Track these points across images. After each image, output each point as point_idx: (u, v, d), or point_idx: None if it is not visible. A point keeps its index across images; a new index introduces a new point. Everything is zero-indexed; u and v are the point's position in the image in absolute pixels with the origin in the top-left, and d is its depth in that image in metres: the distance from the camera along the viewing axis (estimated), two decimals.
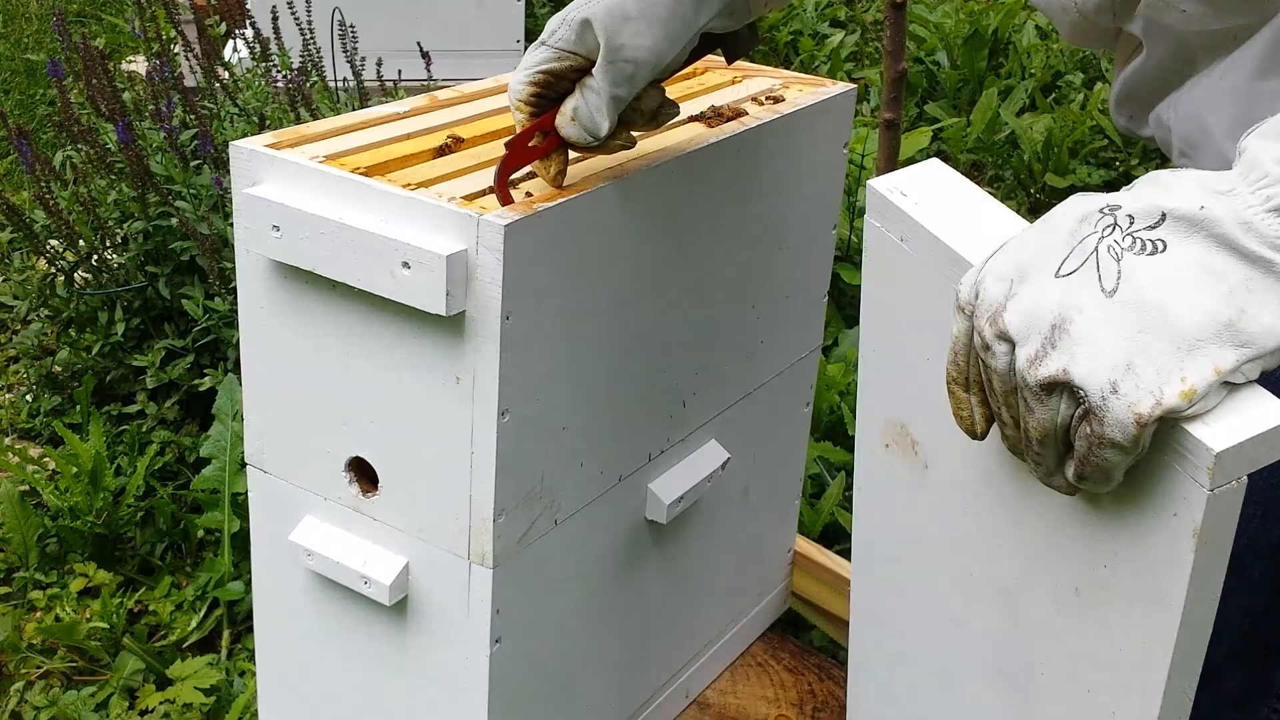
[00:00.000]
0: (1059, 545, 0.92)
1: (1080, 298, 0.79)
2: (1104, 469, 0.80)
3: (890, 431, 1.08)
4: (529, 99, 1.18)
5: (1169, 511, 0.82)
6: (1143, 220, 0.79)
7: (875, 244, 1.04)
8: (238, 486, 2.12)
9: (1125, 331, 0.77)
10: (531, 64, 1.16)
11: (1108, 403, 0.77)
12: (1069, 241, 0.81)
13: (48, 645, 2.04)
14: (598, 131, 1.16)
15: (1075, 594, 0.91)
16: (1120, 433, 0.77)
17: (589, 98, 1.15)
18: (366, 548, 1.32)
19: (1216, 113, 0.98)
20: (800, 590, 1.91)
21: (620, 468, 1.41)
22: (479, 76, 1.58)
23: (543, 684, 1.40)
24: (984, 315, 0.83)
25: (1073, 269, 0.80)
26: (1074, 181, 3.72)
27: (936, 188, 1.01)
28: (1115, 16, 1.03)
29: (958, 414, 0.89)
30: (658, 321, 1.39)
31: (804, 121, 1.53)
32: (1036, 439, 0.82)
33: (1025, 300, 0.81)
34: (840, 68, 4.34)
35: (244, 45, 2.88)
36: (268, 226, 1.22)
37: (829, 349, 2.68)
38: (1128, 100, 1.10)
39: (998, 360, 0.82)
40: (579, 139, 1.17)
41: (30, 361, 2.64)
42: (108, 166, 2.54)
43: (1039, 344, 0.79)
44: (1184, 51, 1.01)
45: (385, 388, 1.25)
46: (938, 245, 0.97)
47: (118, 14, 5.08)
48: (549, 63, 1.16)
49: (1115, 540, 0.87)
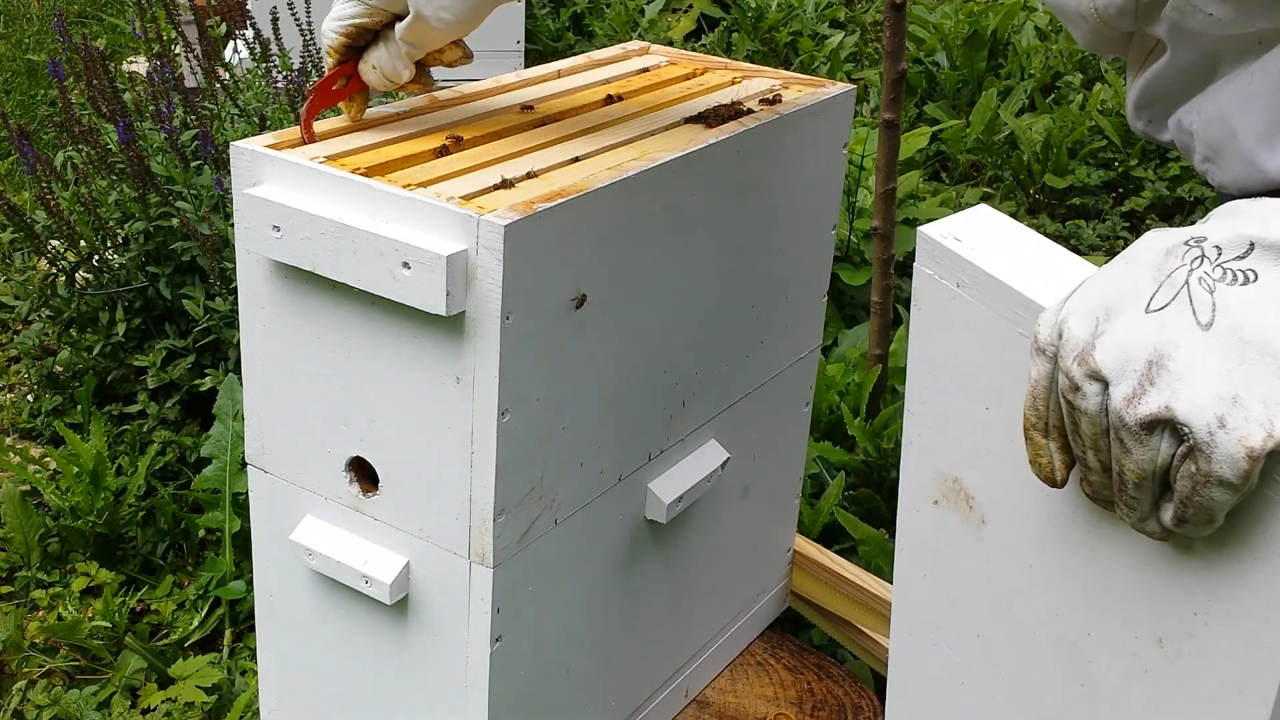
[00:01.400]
0: (1140, 596, 0.88)
1: (1175, 333, 0.77)
2: (1209, 509, 0.77)
3: (940, 487, 1.04)
4: (339, 47, 1.31)
5: (1273, 551, 0.78)
6: (1231, 251, 0.78)
7: (927, 292, 1.02)
8: (238, 486, 2.12)
9: (1227, 364, 0.75)
10: (345, 16, 1.29)
11: (1215, 438, 0.75)
12: (1156, 276, 0.79)
13: (50, 644, 2.04)
14: (397, 79, 1.31)
15: (1158, 646, 0.87)
16: (1230, 469, 0.75)
17: (391, 49, 1.29)
18: (367, 547, 1.32)
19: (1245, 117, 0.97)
20: (800, 589, 1.92)
21: (620, 468, 1.41)
22: (479, 77, 1.58)
23: (543, 683, 1.40)
24: (1070, 355, 0.80)
25: (1164, 303, 0.78)
26: (1073, 182, 3.73)
27: (990, 232, 1.00)
28: (1137, 20, 1.02)
29: (1035, 461, 0.86)
30: (658, 321, 1.40)
31: (803, 122, 1.53)
32: (1133, 482, 0.79)
33: (1116, 338, 0.79)
34: (840, 68, 4.34)
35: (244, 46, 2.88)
36: (268, 227, 1.22)
37: (829, 349, 2.68)
38: (1147, 105, 1.09)
39: (1088, 401, 0.80)
40: (379, 84, 1.32)
41: (31, 361, 2.65)
42: (109, 167, 2.54)
43: (1136, 382, 0.77)
44: (1208, 55, 1.00)
45: (385, 387, 1.25)
46: (999, 288, 0.94)
47: (118, 14, 5.09)
48: (360, 17, 1.28)
49: (1207, 585, 0.83)
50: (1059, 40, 4.44)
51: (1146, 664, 0.88)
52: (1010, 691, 1.02)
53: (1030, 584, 0.98)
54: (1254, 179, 0.95)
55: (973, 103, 4.08)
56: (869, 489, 2.29)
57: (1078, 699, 0.95)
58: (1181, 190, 3.71)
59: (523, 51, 3.85)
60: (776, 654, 1.84)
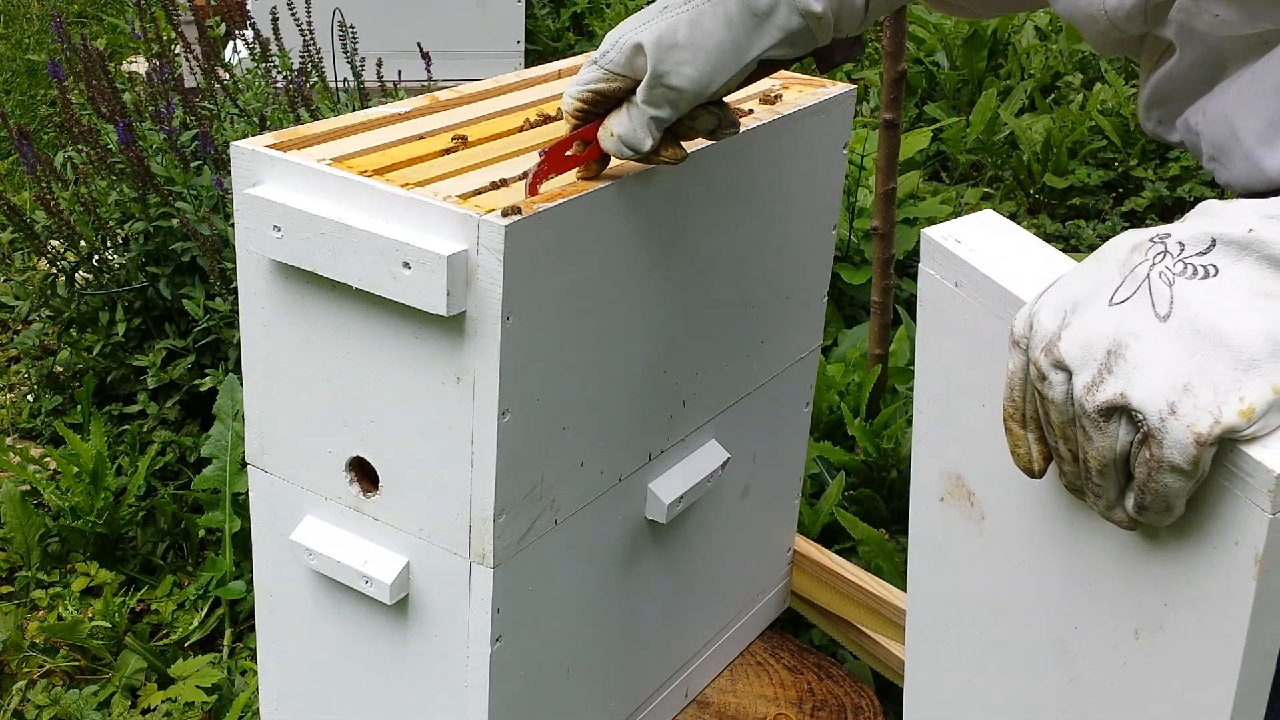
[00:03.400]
0: (1117, 587, 0.89)
1: (1135, 324, 0.79)
2: (1164, 496, 0.79)
3: (946, 485, 1.06)
4: (576, 113, 1.23)
5: (1229, 540, 0.80)
6: (1193, 246, 0.80)
7: (930, 292, 1.05)
8: (239, 486, 2.12)
9: (1181, 354, 0.77)
10: (583, 81, 1.21)
11: (1166, 424, 0.77)
12: (1121, 271, 0.82)
13: (50, 644, 2.04)
14: (639, 148, 1.21)
15: (1135, 638, 0.88)
16: (1180, 454, 0.77)
17: (633, 115, 1.20)
18: (367, 547, 1.32)
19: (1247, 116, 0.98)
20: (799, 589, 1.92)
21: (620, 468, 1.41)
22: (479, 77, 1.58)
23: (543, 682, 1.40)
24: (1039, 345, 0.83)
25: (1126, 296, 0.81)
26: (1073, 182, 3.73)
27: (990, 235, 1.03)
28: (1146, 22, 1.03)
29: (1014, 452, 0.89)
30: (658, 321, 1.40)
31: (803, 122, 1.53)
32: (1096, 469, 0.82)
33: (1080, 329, 0.81)
34: (840, 68, 4.34)
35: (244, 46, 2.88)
36: (268, 227, 1.22)
37: (829, 349, 2.68)
38: (1157, 105, 1.10)
39: (1054, 390, 0.82)
40: (618, 153, 1.23)
41: (31, 361, 2.65)
42: (108, 167, 2.55)
43: (1095, 370, 0.80)
44: (1214, 56, 1.01)
45: (385, 388, 1.25)
46: (992, 287, 0.97)
47: (118, 15, 5.09)
48: (598, 82, 1.20)
49: (1174, 575, 0.84)
50: (1059, 40, 4.44)
51: (1126, 656, 0.90)
52: (1010, 690, 1.03)
53: (1025, 580, 0.99)
54: (1256, 178, 0.96)
55: (973, 103, 4.08)
56: (869, 489, 2.29)
57: (1070, 695, 0.97)
58: (1181, 190, 3.71)
59: (523, 51, 3.85)
60: (776, 654, 1.84)
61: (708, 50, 1.15)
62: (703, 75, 1.16)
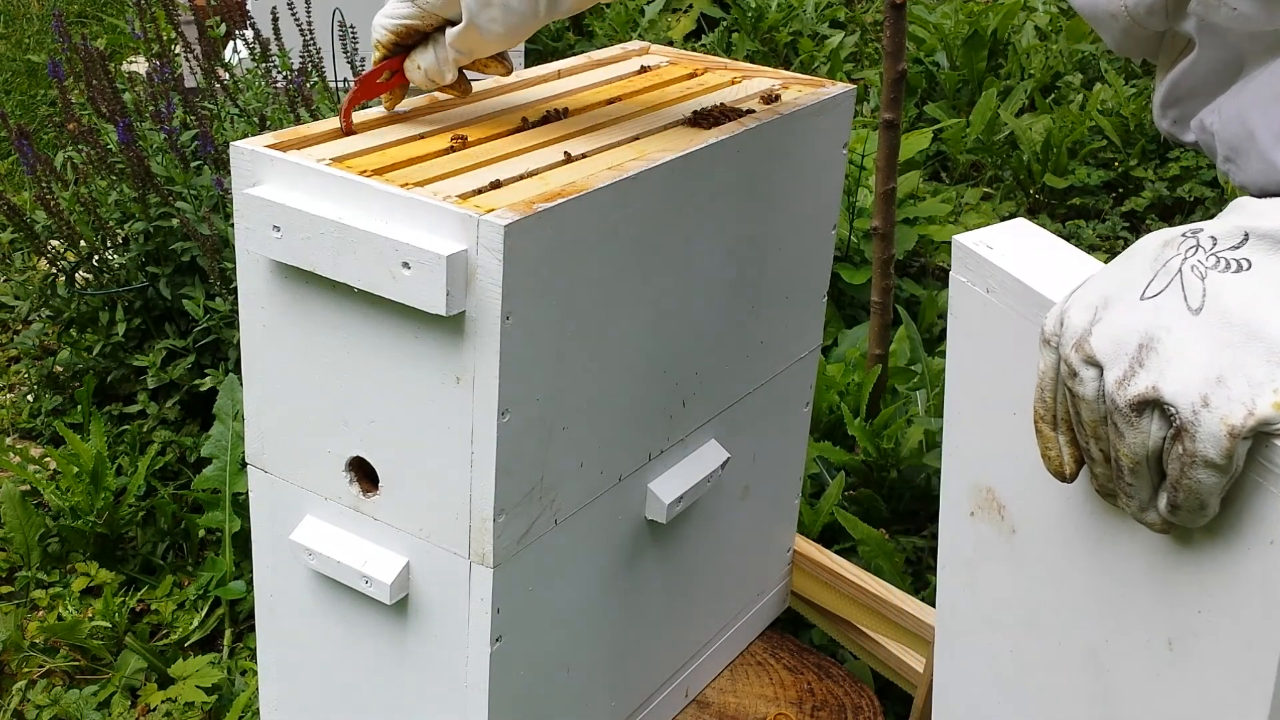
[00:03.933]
0: (1150, 597, 0.88)
1: (1167, 317, 0.79)
2: (1198, 493, 0.78)
3: (976, 498, 1.05)
4: (387, 43, 1.35)
5: (1265, 539, 0.78)
6: (1226, 241, 0.80)
7: (960, 299, 1.04)
8: (238, 486, 2.13)
9: (1214, 346, 0.77)
10: (398, 15, 1.33)
11: (1199, 417, 0.76)
12: (1152, 266, 0.81)
13: (50, 644, 2.04)
14: (440, 81, 1.37)
15: (1168, 648, 0.87)
16: (1213, 447, 0.76)
17: (439, 53, 1.34)
18: (367, 547, 1.32)
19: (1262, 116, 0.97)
20: (799, 589, 1.92)
21: (620, 468, 1.41)
22: (478, 77, 1.58)
23: (543, 682, 1.40)
24: (1070, 342, 0.83)
25: (1158, 290, 0.80)
26: (1073, 182, 3.73)
27: (1021, 241, 1.03)
28: (1167, 17, 1.03)
29: (1045, 455, 0.88)
30: (658, 321, 1.40)
31: (803, 122, 1.53)
32: (1129, 468, 0.81)
33: (1111, 324, 0.81)
34: (840, 68, 4.34)
35: (244, 46, 2.88)
36: (268, 227, 1.22)
37: (829, 349, 2.68)
38: (1173, 104, 1.10)
39: (1086, 387, 0.81)
40: (422, 84, 1.37)
41: (31, 361, 2.65)
42: (108, 167, 2.55)
43: (1127, 364, 0.79)
44: (1234, 54, 1.01)
45: (385, 387, 1.25)
46: (1024, 292, 0.96)
47: (118, 15, 5.09)
48: (413, 19, 1.33)
49: (1208, 580, 0.82)
50: (1059, 40, 4.44)
51: (1159, 668, 0.88)
52: (1042, 704, 1.02)
53: (1056, 592, 0.98)
54: (1271, 178, 0.95)
55: (973, 103, 4.08)
56: (869, 489, 2.29)
57: (1102, 708, 0.95)
58: (1181, 190, 3.71)
59: (523, 51, 3.85)
60: (776, 654, 1.84)
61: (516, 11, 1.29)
62: (508, 31, 1.31)
